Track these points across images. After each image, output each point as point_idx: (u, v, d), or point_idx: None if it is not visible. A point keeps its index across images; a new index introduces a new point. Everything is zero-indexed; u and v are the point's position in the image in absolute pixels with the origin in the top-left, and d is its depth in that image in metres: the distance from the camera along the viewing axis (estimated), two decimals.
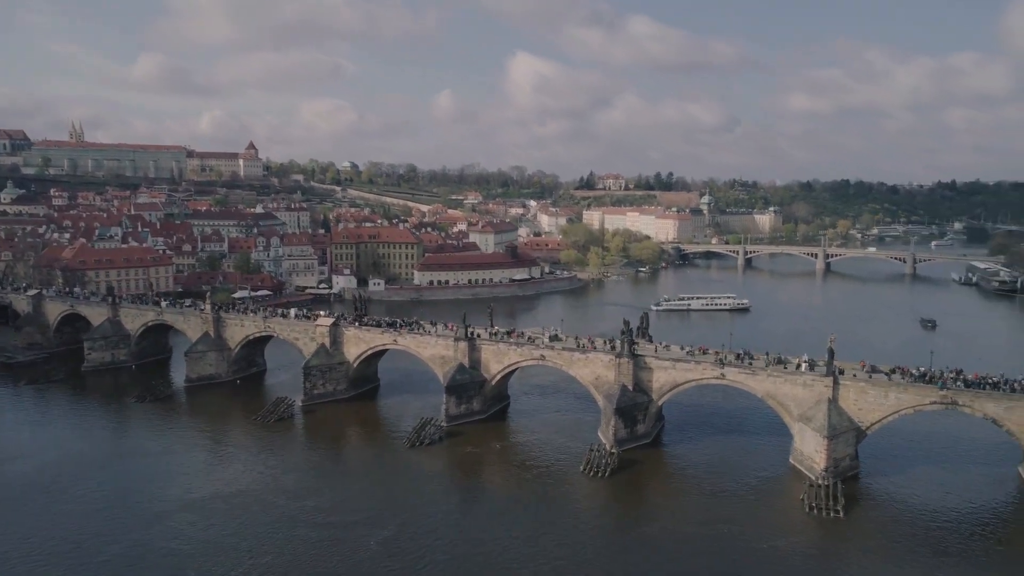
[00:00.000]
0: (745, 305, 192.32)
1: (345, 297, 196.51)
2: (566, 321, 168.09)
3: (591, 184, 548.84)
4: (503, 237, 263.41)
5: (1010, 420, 74.70)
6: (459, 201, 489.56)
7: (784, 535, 66.00)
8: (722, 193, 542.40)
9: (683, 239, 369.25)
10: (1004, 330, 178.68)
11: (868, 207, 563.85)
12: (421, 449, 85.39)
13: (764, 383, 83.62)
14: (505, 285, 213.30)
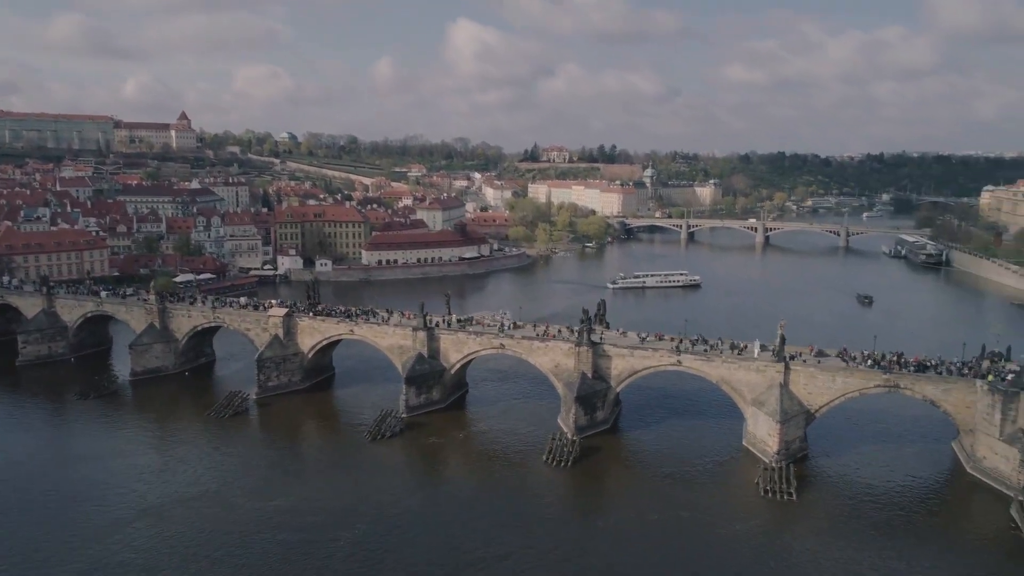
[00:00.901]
0: (696, 281, 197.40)
1: (291, 279, 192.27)
2: (517, 302, 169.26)
3: (535, 156, 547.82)
4: (451, 214, 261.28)
5: (947, 401, 79.15)
6: (403, 174, 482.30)
7: (742, 519, 68.60)
8: (664, 165, 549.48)
9: (627, 213, 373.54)
10: (932, 304, 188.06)
11: (803, 179, 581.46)
12: (383, 442, 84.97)
13: (719, 369, 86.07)
14: (455, 264, 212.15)
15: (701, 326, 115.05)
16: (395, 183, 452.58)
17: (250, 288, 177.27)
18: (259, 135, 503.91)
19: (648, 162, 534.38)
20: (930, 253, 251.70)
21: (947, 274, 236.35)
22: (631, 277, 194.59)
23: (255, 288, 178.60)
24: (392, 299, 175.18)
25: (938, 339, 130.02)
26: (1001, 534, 66.57)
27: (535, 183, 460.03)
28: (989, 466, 75.94)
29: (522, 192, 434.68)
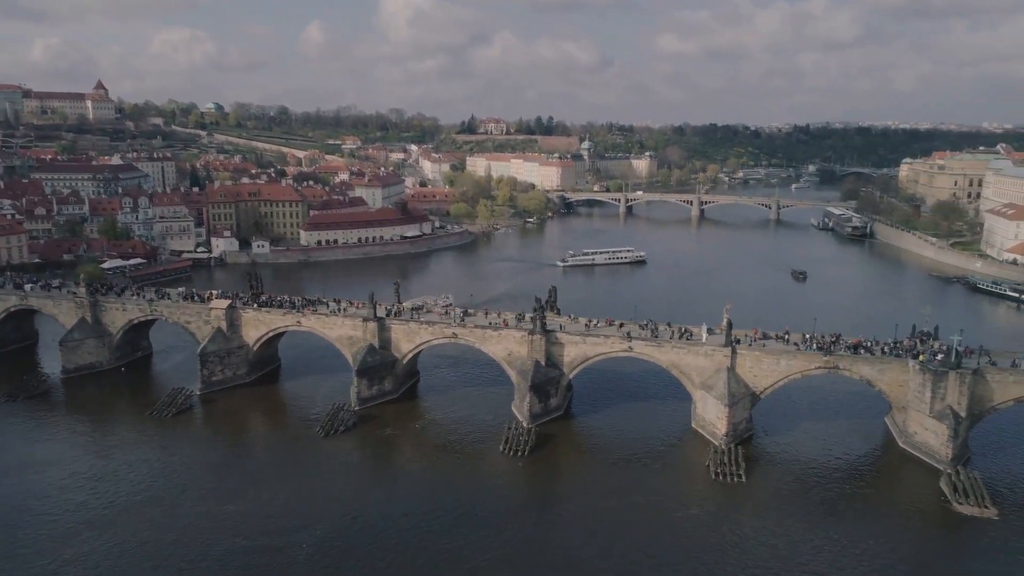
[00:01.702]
0: (642, 257, 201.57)
1: (227, 261, 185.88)
2: (462, 283, 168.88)
3: (472, 128, 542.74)
4: (391, 191, 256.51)
5: (882, 381, 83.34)
6: (337, 146, 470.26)
7: (695, 503, 70.92)
8: (600, 137, 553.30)
9: (566, 186, 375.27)
10: (860, 277, 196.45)
11: (734, 151, 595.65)
12: (336, 437, 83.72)
13: (669, 354, 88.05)
14: (396, 243, 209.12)
15: (649, 308, 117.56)
16: (329, 156, 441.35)
17: (184, 272, 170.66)
18: (183, 105, 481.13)
19: (585, 134, 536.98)
20: (856, 226, 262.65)
21: (871, 246, 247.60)
22: (580, 255, 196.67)
23: (189, 272, 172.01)
24: (334, 281, 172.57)
25: (869, 315, 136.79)
26: (932, 506, 70.98)
27: (473, 156, 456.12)
28: (920, 441, 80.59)
29: (460, 165, 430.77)
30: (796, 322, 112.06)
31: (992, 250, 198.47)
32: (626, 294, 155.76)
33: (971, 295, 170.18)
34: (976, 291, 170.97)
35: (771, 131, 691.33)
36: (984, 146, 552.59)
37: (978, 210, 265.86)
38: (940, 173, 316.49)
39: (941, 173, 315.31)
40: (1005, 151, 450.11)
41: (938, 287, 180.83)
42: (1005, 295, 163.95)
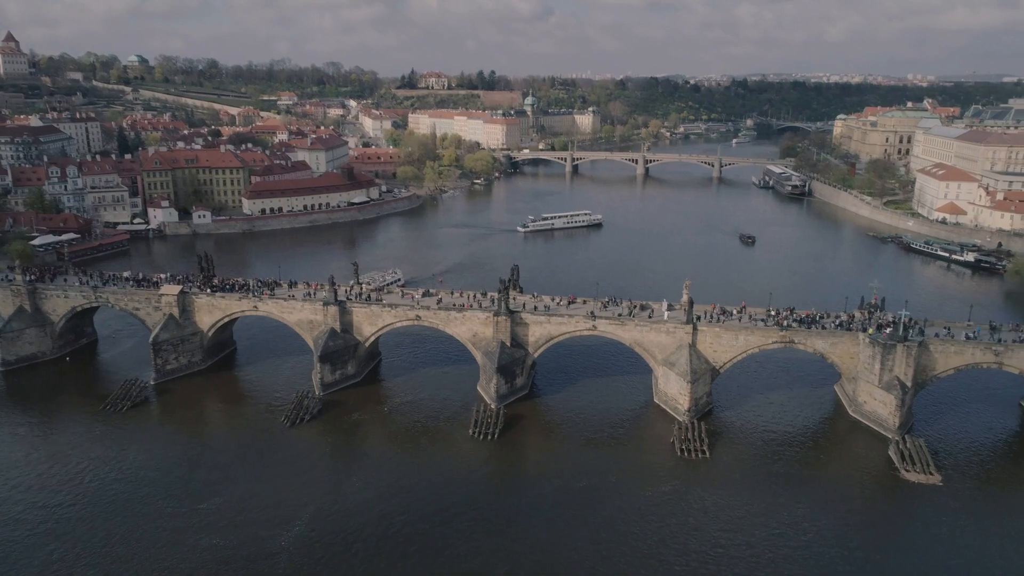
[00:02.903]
0: (598, 220, 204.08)
1: (167, 233, 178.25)
2: (412, 254, 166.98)
3: (413, 83, 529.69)
4: (335, 154, 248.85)
5: (834, 354, 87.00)
6: (272, 102, 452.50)
7: (663, 480, 73.25)
8: (543, 92, 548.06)
9: (511, 144, 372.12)
10: (804, 239, 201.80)
11: (675, 105, 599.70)
12: (302, 426, 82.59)
13: (632, 332, 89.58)
14: (343, 209, 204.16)
15: (609, 277, 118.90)
16: (265, 113, 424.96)
17: (121, 246, 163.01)
18: (103, 58, 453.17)
19: (528, 89, 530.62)
20: (795, 184, 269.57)
21: (809, 204, 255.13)
22: (540, 220, 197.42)
23: (127, 246, 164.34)
24: (282, 252, 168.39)
25: (818, 282, 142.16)
26: (882, 473, 75.25)
27: (415, 112, 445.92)
28: (869, 410, 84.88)
29: (402, 122, 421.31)
30: (751, 292, 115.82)
31: (923, 209, 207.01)
32: (586, 263, 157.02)
33: (905, 255, 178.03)
34: (910, 251, 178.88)
35: (710, 85, 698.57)
36: (911, 99, 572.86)
37: (908, 166, 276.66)
38: (872, 130, 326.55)
39: (873, 130, 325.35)
40: (931, 106, 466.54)
41: (874, 247, 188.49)
42: (936, 255, 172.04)
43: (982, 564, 61.29)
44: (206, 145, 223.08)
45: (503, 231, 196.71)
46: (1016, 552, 63.16)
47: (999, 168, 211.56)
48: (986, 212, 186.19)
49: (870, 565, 61.33)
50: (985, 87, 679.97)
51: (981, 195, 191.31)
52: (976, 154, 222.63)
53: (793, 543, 63.78)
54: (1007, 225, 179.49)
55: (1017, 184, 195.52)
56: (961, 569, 60.64)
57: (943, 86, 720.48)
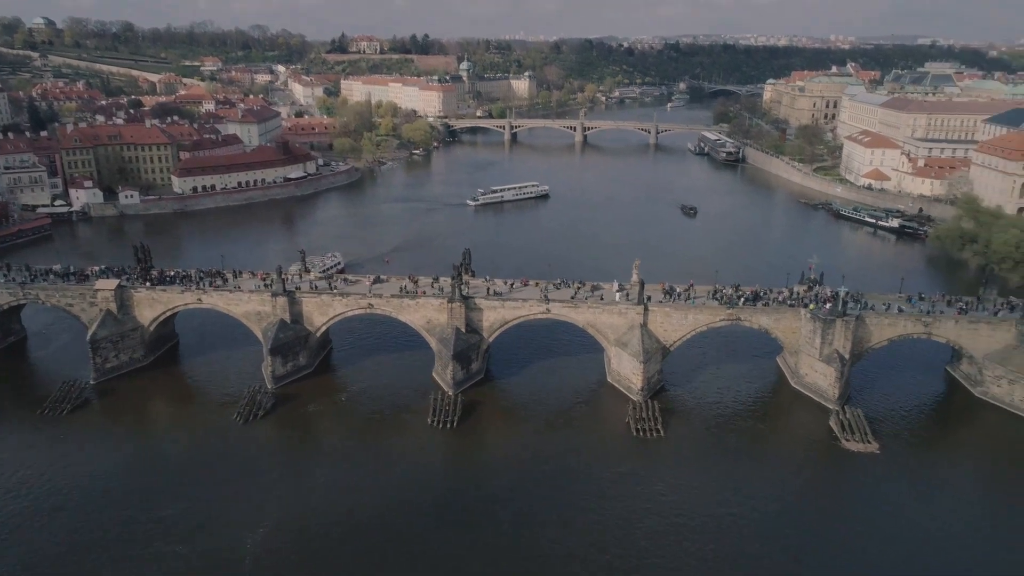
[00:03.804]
0: (545, 191, 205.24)
1: (91, 215, 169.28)
2: (356, 231, 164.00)
3: (344, 47, 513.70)
4: (268, 127, 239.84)
5: (777, 329, 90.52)
6: (195, 68, 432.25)
7: (622, 461, 75.29)
8: (479, 56, 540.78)
9: (448, 112, 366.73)
10: (742, 208, 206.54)
11: (609, 69, 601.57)
12: (256, 423, 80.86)
13: (585, 314, 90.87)
14: (280, 186, 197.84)
15: (560, 260, 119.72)
16: (188, 80, 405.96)
17: (43, 231, 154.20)
18: (5, 20, 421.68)
19: (463, 53, 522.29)
20: (729, 151, 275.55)
21: (743, 171, 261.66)
22: (489, 192, 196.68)
23: (49, 231, 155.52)
24: (217, 232, 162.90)
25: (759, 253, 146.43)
26: (824, 444, 79.21)
27: (348, 79, 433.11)
28: (810, 382, 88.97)
29: (334, 89, 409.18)
30: (697, 267, 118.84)
31: (850, 176, 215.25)
32: (537, 239, 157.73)
33: (834, 221, 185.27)
34: (839, 217, 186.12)
35: (644, 48, 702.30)
36: (835, 62, 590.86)
37: (835, 132, 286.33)
38: (801, 95, 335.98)
39: (801, 95, 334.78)
40: (854, 70, 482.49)
41: (806, 214, 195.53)
42: (864, 221, 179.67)
43: (919, 525, 65.68)
44: (129, 119, 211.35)
45: (449, 205, 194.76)
46: (948, 511, 68.10)
47: (920, 135, 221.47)
48: (908, 178, 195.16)
49: (818, 532, 65.09)
50: (903, 50, 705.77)
51: (904, 162, 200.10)
52: (899, 121, 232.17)
53: (746, 514, 66.87)
54: (928, 191, 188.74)
55: (936, 151, 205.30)
56: (900, 531, 64.73)
57: (864, 49, 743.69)
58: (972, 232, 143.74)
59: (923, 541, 63.91)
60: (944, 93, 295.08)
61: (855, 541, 63.92)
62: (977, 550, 63.28)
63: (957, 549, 63.31)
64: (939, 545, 63.66)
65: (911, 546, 63.17)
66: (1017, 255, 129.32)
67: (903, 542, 63.52)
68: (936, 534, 64.96)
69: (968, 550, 63.15)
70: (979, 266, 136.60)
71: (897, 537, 64.16)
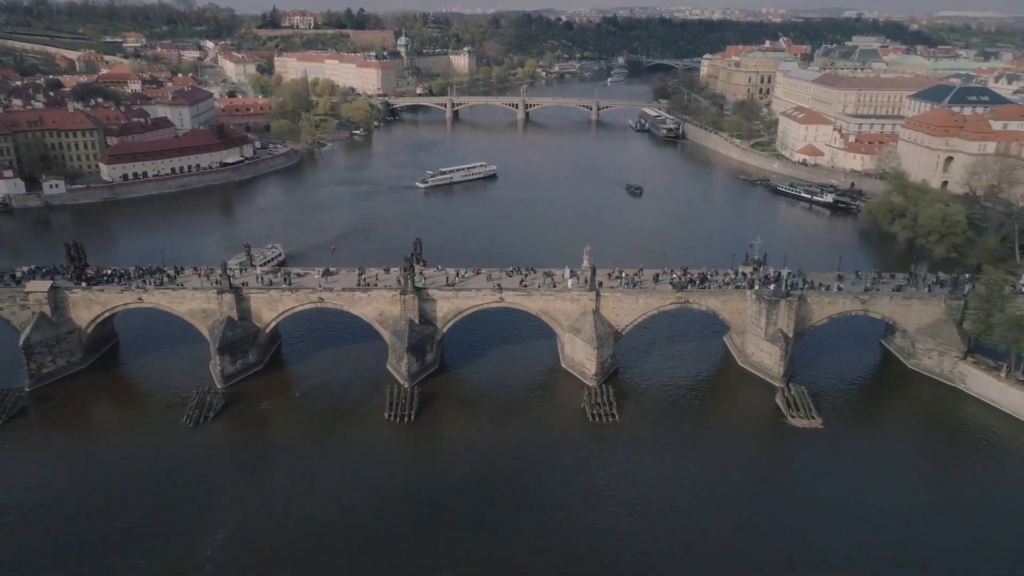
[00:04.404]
0: (493, 171, 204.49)
1: (13, 206, 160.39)
2: (298, 217, 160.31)
3: (276, 22, 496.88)
4: (200, 108, 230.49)
5: (724, 310, 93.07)
6: (117, 45, 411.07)
7: (579, 447, 76.65)
8: (416, 31, 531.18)
9: (387, 89, 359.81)
10: (684, 185, 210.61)
11: (549, 44, 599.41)
12: (207, 425, 78.88)
13: (539, 302, 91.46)
14: (216, 171, 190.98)
15: (511, 244, 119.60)
16: (109, 57, 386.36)
17: None
18: None
19: (400, 28, 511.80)
20: (670, 128, 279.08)
21: (683, 147, 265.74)
22: (438, 174, 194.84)
23: None
24: (151, 222, 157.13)
25: (702, 233, 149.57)
26: (771, 421, 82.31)
27: (281, 55, 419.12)
28: (756, 360, 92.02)
29: (267, 67, 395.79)
30: (645, 249, 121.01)
31: (786, 151, 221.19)
32: (487, 223, 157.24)
33: (772, 197, 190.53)
34: (776, 193, 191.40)
35: (582, 22, 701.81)
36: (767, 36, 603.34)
37: (770, 107, 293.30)
38: (736, 71, 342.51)
39: (737, 71, 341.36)
40: (786, 44, 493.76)
41: (745, 190, 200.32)
42: (800, 197, 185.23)
43: (862, 496, 68.99)
44: (49, 102, 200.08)
45: (396, 188, 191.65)
46: (888, 480, 71.73)
47: (850, 111, 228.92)
48: (841, 154, 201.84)
49: (770, 508, 67.83)
50: (831, 23, 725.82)
51: (836, 137, 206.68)
52: (830, 97, 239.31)
53: (700, 493, 69.42)
54: (859, 166, 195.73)
55: (867, 126, 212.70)
56: (846, 503, 68.02)
57: (795, 22, 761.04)
58: (901, 206, 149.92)
59: (867, 511, 67.14)
60: (872, 69, 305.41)
61: (805, 515, 67.07)
62: (915, 515, 67.12)
63: (897, 516, 66.71)
64: (881, 514, 66.93)
65: (856, 516, 66.40)
66: (943, 228, 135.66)
67: (849, 513, 66.77)
68: (878, 503, 68.30)
69: (906, 516, 66.73)
70: (908, 239, 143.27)
71: (843, 509, 67.43)
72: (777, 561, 61.49)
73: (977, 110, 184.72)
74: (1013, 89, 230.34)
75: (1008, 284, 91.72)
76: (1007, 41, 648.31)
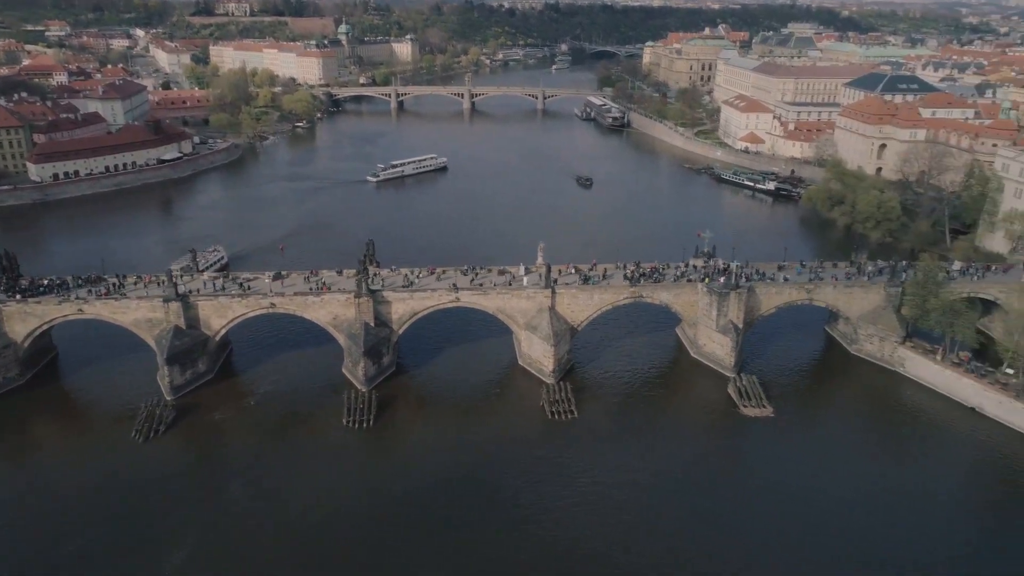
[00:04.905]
0: (444, 163, 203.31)
1: None
2: (242, 216, 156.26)
3: (209, 9, 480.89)
4: (133, 103, 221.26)
5: (677, 303, 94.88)
6: (39, 34, 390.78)
7: (539, 445, 77.20)
8: (357, 18, 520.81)
9: (329, 79, 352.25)
10: (631, 173, 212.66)
11: (492, 31, 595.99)
12: (158, 439, 76.49)
13: (495, 301, 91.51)
14: (153, 168, 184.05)
15: (465, 239, 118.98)
16: (31, 47, 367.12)
17: None
18: None
19: (340, 15, 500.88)
20: (615, 116, 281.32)
21: (629, 136, 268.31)
22: (390, 167, 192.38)
23: None
24: (86, 225, 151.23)
25: (653, 224, 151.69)
26: (725, 411, 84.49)
27: (217, 44, 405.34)
28: (708, 351, 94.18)
29: (202, 56, 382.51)
30: (598, 242, 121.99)
31: (729, 139, 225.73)
32: (440, 218, 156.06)
33: (716, 185, 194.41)
34: (720, 181, 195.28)
35: (525, 9, 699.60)
36: (706, 22, 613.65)
37: (712, 95, 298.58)
38: (679, 58, 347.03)
39: (679, 58, 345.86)
40: (725, 31, 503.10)
41: (690, 178, 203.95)
42: (743, 184, 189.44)
43: (813, 480, 71.70)
44: None
45: (345, 182, 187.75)
46: (836, 463, 74.86)
47: (789, 99, 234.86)
48: (781, 141, 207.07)
49: (727, 497, 69.77)
50: (767, 9, 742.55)
51: (776, 125, 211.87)
52: (769, 85, 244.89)
53: (659, 485, 71.14)
54: (799, 154, 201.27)
55: (805, 114, 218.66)
56: (798, 489, 70.61)
57: (733, 8, 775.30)
58: (839, 193, 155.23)
59: (816, 495, 69.81)
60: (809, 57, 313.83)
61: (759, 501, 69.27)
62: (861, 496, 69.86)
63: (844, 499, 69.46)
64: (829, 497, 69.62)
65: (806, 501, 69.06)
66: (879, 215, 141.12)
67: (799, 499, 69.44)
68: (827, 487, 71.03)
69: (853, 498, 69.48)
70: (846, 225, 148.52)
71: (794, 494, 70.05)
72: (732, 547, 63.47)
73: (907, 98, 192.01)
74: (939, 77, 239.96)
75: (942, 271, 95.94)
76: (931, 26, 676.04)
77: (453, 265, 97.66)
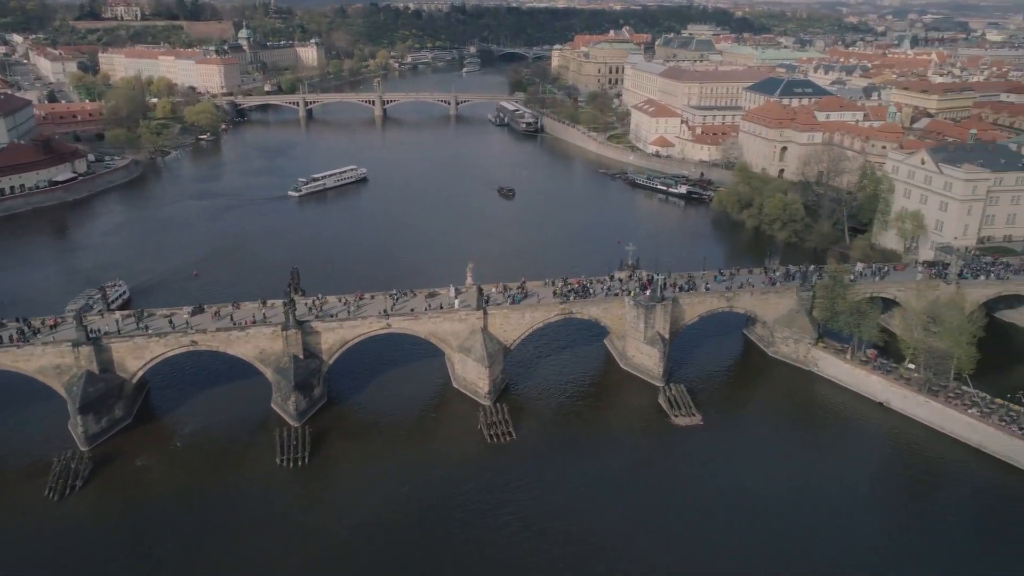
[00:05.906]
0: (364, 175, 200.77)
1: None
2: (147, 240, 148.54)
3: (96, 12, 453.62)
4: (16, 119, 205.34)
5: (606, 318, 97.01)
6: None
7: (481, 471, 77.01)
8: (258, 22, 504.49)
9: (232, 87, 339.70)
10: (549, 181, 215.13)
11: (399, 34, 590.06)
12: (75, 495, 71.62)
13: (427, 325, 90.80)
14: (45, 191, 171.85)
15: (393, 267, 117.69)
16: None
17: None
18: None
19: (240, 19, 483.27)
20: (528, 121, 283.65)
21: (543, 141, 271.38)
22: (311, 181, 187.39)
23: None
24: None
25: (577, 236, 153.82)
26: (656, 421, 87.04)
27: (107, 51, 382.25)
28: (638, 363, 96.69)
29: (91, 64, 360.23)
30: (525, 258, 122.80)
31: (640, 143, 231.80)
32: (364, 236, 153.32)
33: (630, 190, 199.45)
34: (635, 186, 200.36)
35: (431, 11, 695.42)
36: (610, 24, 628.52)
37: (622, 98, 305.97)
38: (587, 62, 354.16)
39: (587, 62, 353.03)
40: (629, 33, 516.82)
41: (605, 183, 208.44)
42: (656, 189, 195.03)
43: (742, 482, 74.90)
44: None
45: (262, 199, 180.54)
46: (762, 464, 78.74)
47: (694, 103, 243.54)
48: (690, 145, 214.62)
49: (664, 506, 72.13)
50: (667, 11, 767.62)
51: (684, 129, 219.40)
52: (676, 90, 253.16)
53: (597, 499, 72.84)
54: (707, 156, 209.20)
55: (710, 118, 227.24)
56: (730, 492, 73.60)
57: (634, 10, 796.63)
58: (747, 196, 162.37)
59: (745, 496, 73.10)
60: (711, 60, 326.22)
61: (694, 506, 72.11)
62: (786, 491, 73.99)
63: (771, 497, 73.17)
64: (757, 497, 73.07)
65: (735, 503, 72.15)
66: (784, 216, 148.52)
67: (729, 501, 72.47)
68: (755, 487, 74.47)
69: (778, 496, 73.28)
70: (755, 227, 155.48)
71: (724, 497, 73.11)
72: (668, 550, 66.06)
73: (803, 102, 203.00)
74: (830, 80, 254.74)
75: (847, 274, 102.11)
76: (816, 26, 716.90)
77: (381, 290, 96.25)
